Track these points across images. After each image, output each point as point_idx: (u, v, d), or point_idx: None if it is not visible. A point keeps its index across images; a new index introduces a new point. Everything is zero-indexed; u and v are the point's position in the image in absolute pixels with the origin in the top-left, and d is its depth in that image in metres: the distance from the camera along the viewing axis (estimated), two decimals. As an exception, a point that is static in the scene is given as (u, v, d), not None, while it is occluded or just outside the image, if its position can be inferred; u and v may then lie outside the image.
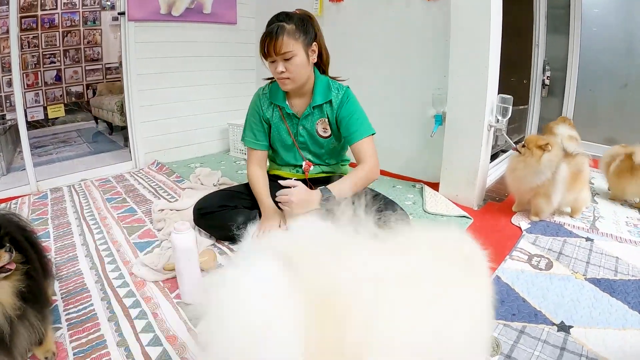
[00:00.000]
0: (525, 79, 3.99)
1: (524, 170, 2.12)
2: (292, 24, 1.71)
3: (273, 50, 1.70)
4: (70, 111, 4.83)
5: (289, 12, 1.77)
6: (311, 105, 1.89)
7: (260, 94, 2.01)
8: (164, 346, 1.24)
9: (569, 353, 1.23)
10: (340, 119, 1.89)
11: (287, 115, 1.95)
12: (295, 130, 1.96)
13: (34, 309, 1.10)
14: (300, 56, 1.74)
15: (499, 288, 1.58)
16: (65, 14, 4.46)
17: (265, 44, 1.71)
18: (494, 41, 2.21)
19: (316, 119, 1.93)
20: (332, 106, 1.89)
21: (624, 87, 3.62)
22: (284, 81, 1.79)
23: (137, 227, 2.11)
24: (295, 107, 1.94)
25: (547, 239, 2.00)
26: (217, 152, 3.76)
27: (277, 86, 1.90)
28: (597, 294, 1.54)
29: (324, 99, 1.89)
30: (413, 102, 2.89)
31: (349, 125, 1.86)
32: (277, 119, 1.97)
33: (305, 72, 1.81)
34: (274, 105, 1.96)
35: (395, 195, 2.55)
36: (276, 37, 1.68)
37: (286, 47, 1.69)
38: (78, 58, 4.69)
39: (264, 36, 1.72)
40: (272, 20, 1.75)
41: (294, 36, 1.71)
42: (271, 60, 1.75)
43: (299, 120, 1.93)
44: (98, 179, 2.93)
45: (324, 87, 1.90)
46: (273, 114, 1.98)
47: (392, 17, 2.85)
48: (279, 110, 1.96)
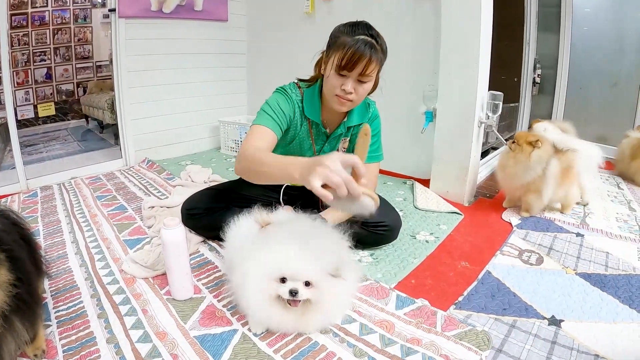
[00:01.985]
0: (516, 77, 4.02)
1: (514, 167, 2.12)
2: (381, 47, 1.52)
3: (358, 69, 1.48)
4: (60, 109, 4.79)
5: (374, 28, 1.54)
6: (345, 125, 1.75)
7: (295, 99, 1.69)
8: (153, 342, 1.23)
9: (560, 347, 1.23)
10: None
11: (316, 132, 1.77)
12: (320, 148, 1.82)
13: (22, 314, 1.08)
14: (372, 82, 1.58)
15: (489, 283, 1.58)
16: (56, 12, 4.43)
17: (352, 58, 1.46)
18: (484, 38, 2.22)
19: (342, 137, 1.81)
20: (360, 125, 1.75)
21: (614, 85, 3.65)
22: (344, 102, 1.56)
23: (127, 225, 2.09)
24: (327, 123, 1.76)
25: (538, 234, 2.01)
26: (208, 149, 3.75)
27: (312, 97, 1.69)
28: (587, 289, 1.54)
29: (361, 119, 1.76)
30: (404, 98, 2.89)
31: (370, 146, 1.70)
32: (304, 134, 1.76)
33: (364, 97, 1.64)
34: (305, 117, 1.73)
35: (386, 192, 2.56)
36: (370, 58, 1.47)
37: (372, 71, 1.51)
38: (69, 56, 4.65)
39: (353, 48, 1.46)
40: (361, 31, 1.50)
41: (379, 62, 1.53)
42: (343, 74, 1.51)
43: (327, 139, 1.79)
44: (88, 177, 2.91)
45: (362, 108, 1.76)
46: (301, 127, 1.75)
47: (383, 15, 2.85)
48: (307, 124, 1.75)
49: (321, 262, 1.17)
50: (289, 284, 1.15)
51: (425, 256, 1.80)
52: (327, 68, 1.57)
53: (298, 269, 1.15)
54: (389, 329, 1.29)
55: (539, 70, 4.02)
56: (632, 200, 2.52)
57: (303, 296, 1.15)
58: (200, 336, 1.25)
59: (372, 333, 1.28)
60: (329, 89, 1.58)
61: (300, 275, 1.15)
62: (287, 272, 1.15)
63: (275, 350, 1.19)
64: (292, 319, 1.20)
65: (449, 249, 1.89)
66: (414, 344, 1.22)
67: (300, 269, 1.15)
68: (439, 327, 1.29)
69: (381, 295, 1.48)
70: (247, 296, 1.20)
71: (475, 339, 1.23)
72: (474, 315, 1.38)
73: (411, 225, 2.12)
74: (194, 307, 1.40)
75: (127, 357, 1.17)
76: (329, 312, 1.26)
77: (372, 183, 1.77)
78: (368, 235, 1.78)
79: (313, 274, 1.16)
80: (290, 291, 1.14)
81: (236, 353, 1.18)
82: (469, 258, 1.79)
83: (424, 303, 1.43)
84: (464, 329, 1.28)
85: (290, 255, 1.15)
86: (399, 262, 1.74)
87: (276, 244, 1.19)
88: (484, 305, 1.44)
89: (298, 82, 1.75)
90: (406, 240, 1.94)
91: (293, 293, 1.14)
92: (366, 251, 1.82)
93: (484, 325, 1.33)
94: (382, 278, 1.61)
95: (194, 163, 3.20)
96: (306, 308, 1.20)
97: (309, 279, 1.15)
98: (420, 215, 2.27)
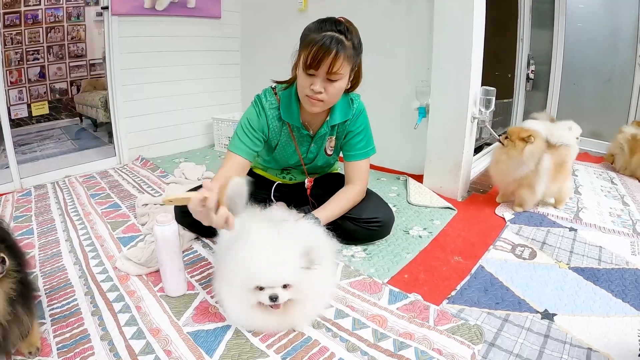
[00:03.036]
0: (510, 73, 4.02)
1: (507, 162, 2.13)
2: (351, 43, 1.47)
3: (324, 67, 1.45)
4: (54, 108, 4.77)
5: (346, 24, 1.50)
6: (328, 124, 1.72)
7: (267, 107, 1.68)
8: (147, 339, 1.23)
9: (553, 340, 1.24)
10: (347, 132, 1.77)
11: (298, 135, 1.75)
12: (305, 151, 1.81)
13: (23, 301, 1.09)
14: (344, 81, 1.53)
15: (482, 277, 1.59)
16: (49, 10, 4.40)
17: (317, 56, 1.43)
18: (477, 33, 2.23)
19: (327, 137, 1.79)
20: (345, 123, 1.75)
21: (608, 81, 3.66)
22: (315, 102, 1.54)
23: (121, 222, 2.09)
24: (309, 124, 1.74)
25: (531, 229, 2.02)
26: (202, 147, 3.75)
27: (289, 100, 1.66)
28: (580, 282, 1.55)
29: (343, 117, 1.72)
30: (397, 94, 2.90)
31: (356, 143, 1.76)
32: (286, 138, 1.75)
33: (339, 96, 1.60)
34: (283, 122, 1.71)
35: (379, 188, 2.56)
36: (336, 55, 1.42)
37: (340, 68, 1.46)
38: (62, 54, 4.63)
39: (317, 45, 1.42)
40: (328, 28, 1.47)
41: (349, 59, 1.47)
42: (310, 74, 1.48)
43: (312, 140, 1.77)
44: (82, 175, 2.90)
45: (344, 105, 1.72)
46: (281, 133, 1.74)
47: (376, 11, 2.85)
48: (288, 129, 1.73)
49: (293, 261, 1.19)
50: (267, 290, 1.17)
51: (419, 251, 1.81)
52: (298, 68, 1.55)
53: (273, 277, 1.17)
54: (382, 324, 1.29)
55: (532, 66, 4.03)
56: (626, 195, 2.53)
57: (283, 299, 1.18)
58: (194, 332, 1.26)
59: (365, 328, 1.28)
60: (300, 90, 1.57)
61: (276, 281, 1.17)
62: (263, 282, 1.17)
63: (268, 345, 1.20)
64: (276, 319, 1.23)
65: (442, 244, 1.89)
66: (406, 339, 1.22)
67: (275, 275, 1.17)
68: (432, 322, 1.30)
69: (374, 290, 1.48)
70: (226, 305, 1.24)
71: (468, 333, 1.23)
72: (467, 310, 1.39)
73: (404, 221, 2.12)
74: (188, 304, 1.41)
75: (121, 353, 1.17)
76: (312, 305, 1.29)
77: (361, 180, 1.78)
78: (361, 231, 1.78)
79: (288, 276, 1.18)
80: (270, 297, 1.17)
81: (229, 349, 1.18)
82: (462, 253, 1.79)
83: (417, 298, 1.43)
84: (456, 323, 1.28)
85: (263, 264, 1.16)
86: (392, 257, 1.75)
87: (246, 254, 1.19)
88: (476, 299, 1.45)
89: (274, 87, 1.72)
90: (399, 236, 1.95)
91: (273, 299, 1.17)
92: (359, 246, 1.83)
93: (476, 319, 1.34)
94: (375, 273, 1.62)
95: (187, 160, 3.20)
96: (289, 306, 1.22)
97: (285, 282, 1.18)
98: (413, 210, 2.27)
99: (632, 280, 1.56)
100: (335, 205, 1.71)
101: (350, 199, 1.74)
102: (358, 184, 1.77)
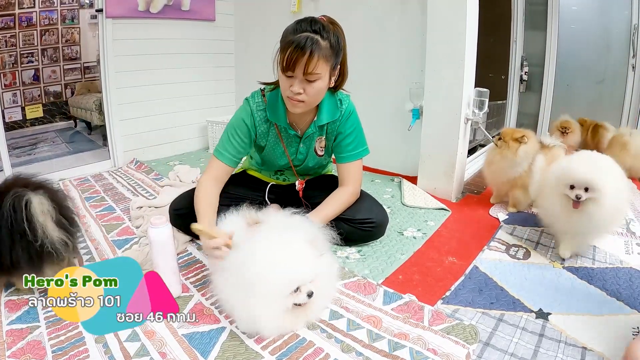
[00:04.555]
0: (504, 75, 4.04)
1: (501, 163, 2.14)
2: (327, 42, 1.48)
3: (300, 68, 1.45)
4: (48, 111, 4.76)
5: (322, 22, 1.51)
6: (316, 124, 1.72)
7: (254, 109, 1.70)
8: (142, 341, 1.22)
9: (548, 339, 1.24)
10: (337, 133, 1.76)
11: (286, 136, 1.75)
12: (294, 151, 1.80)
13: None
14: (324, 80, 1.53)
15: (477, 277, 1.59)
16: (43, 12, 4.39)
17: (291, 57, 1.44)
18: (470, 35, 2.24)
19: (316, 137, 1.78)
20: (334, 123, 1.75)
21: (601, 82, 3.68)
22: (295, 103, 1.54)
23: (115, 225, 2.08)
24: (296, 125, 1.74)
25: (525, 229, 2.03)
26: (197, 149, 3.74)
27: (275, 101, 1.67)
28: (575, 282, 1.56)
29: (331, 117, 1.72)
30: (390, 96, 2.91)
31: (347, 144, 1.76)
32: (274, 139, 1.76)
33: (322, 96, 1.61)
34: (271, 123, 1.72)
35: (373, 190, 2.57)
36: (310, 55, 1.43)
37: (316, 68, 1.46)
38: (56, 57, 4.62)
39: (292, 46, 1.44)
40: (303, 28, 1.48)
41: (326, 58, 1.48)
42: (288, 75, 1.50)
43: (300, 140, 1.77)
44: (76, 178, 2.89)
45: (331, 105, 1.71)
46: (269, 134, 1.74)
47: (370, 12, 2.86)
48: (275, 130, 1.74)
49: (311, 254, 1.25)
50: (303, 289, 1.20)
51: (413, 252, 1.81)
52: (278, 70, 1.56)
53: (308, 273, 1.22)
54: (377, 324, 1.30)
55: (526, 67, 4.05)
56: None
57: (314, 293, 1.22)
58: (189, 334, 1.25)
59: (360, 328, 1.28)
60: (282, 92, 1.59)
61: (310, 276, 1.22)
62: (300, 280, 1.21)
63: (263, 347, 1.20)
64: (302, 316, 1.27)
65: (437, 244, 1.89)
66: (401, 339, 1.22)
67: (308, 270, 1.22)
68: (426, 322, 1.30)
69: (368, 291, 1.48)
70: (263, 320, 1.20)
71: (462, 333, 1.24)
72: (462, 310, 1.39)
73: (399, 222, 2.12)
74: (182, 306, 1.40)
75: (115, 356, 1.17)
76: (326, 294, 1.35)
77: (355, 182, 1.79)
78: (355, 232, 1.78)
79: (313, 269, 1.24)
80: (308, 294, 1.21)
81: (224, 350, 1.18)
82: (457, 253, 1.80)
83: (412, 298, 1.43)
84: (451, 323, 1.29)
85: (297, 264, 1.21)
86: (386, 258, 1.75)
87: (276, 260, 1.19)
88: (471, 299, 1.45)
89: (263, 89, 1.73)
90: (393, 237, 1.95)
91: (310, 295, 1.21)
92: (353, 248, 1.83)
93: (471, 319, 1.34)
94: (369, 274, 1.62)
95: (182, 163, 3.19)
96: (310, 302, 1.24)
97: (315, 276, 1.23)
98: (407, 212, 2.28)
99: (626, 279, 1.57)
100: (329, 207, 1.71)
101: (344, 200, 1.75)
102: (351, 186, 1.77)
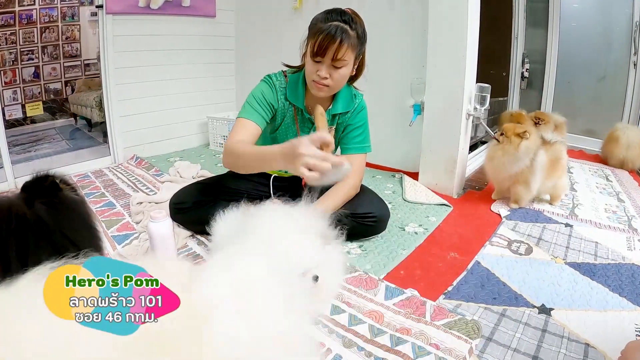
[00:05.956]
0: (505, 71, 4.03)
1: (502, 158, 2.13)
2: (355, 32, 1.57)
3: (329, 54, 1.54)
4: (49, 108, 4.75)
5: (350, 14, 1.60)
6: (330, 113, 1.78)
7: (277, 86, 1.77)
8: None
9: (550, 335, 1.23)
10: (347, 125, 1.82)
11: (301, 119, 1.81)
12: None
13: None
14: (349, 67, 1.62)
15: (479, 273, 1.58)
16: (44, 10, 4.39)
17: (322, 44, 1.53)
18: (471, 30, 2.23)
19: (328, 126, 1.79)
20: (346, 115, 1.81)
21: (602, 79, 3.68)
22: (321, 87, 1.63)
23: (115, 221, 2.07)
24: (311, 110, 1.76)
25: (527, 225, 2.02)
26: (197, 146, 3.73)
27: (296, 83, 1.75)
28: (577, 278, 1.55)
29: (345, 108, 1.79)
30: (391, 92, 2.90)
31: (355, 137, 1.82)
32: (289, 120, 1.82)
33: (344, 83, 1.69)
34: (289, 103, 1.79)
35: (375, 185, 2.56)
36: (340, 43, 1.52)
37: (344, 55, 1.56)
38: (57, 54, 4.61)
39: (323, 34, 1.52)
40: (334, 18, 1.57)
41: (353, 47, 1.57)
42: (317, 61, 1.58)
43: (312, 126, 1.80)
44: (77, 174, 2.89)
45: (347, 96, 1.80)
46: (286, 113, 1.80)
47: (371, 8, 2.85)
48: (293, 111, 1.80)
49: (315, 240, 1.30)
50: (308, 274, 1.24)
51: (414, 247, 1.80)
52: (306, 56, 1.64)
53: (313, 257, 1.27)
54: (378, 319, 1.29)
55: (527, 64, 4.05)
56: (621, 192, 2.54)
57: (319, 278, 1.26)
58: (189, 329, 1.24)
59: (362, 323, 1.27)
60: (308, 76, 1.67)
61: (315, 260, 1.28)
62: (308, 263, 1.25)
63: (264, 341, 1.19)
64: None
65: (438, 240, 1.89)
66: (403, 334, 1.21)
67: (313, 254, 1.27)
68: (428, 317, 1.29)
69: (370, 286, 1.47)
70: None
71: (465, 328, 1.23)
72: (464, 305, 1.38)
73: (400, 217, 2.12)
74: (182, 301, 1.39)
75: None
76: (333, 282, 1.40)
77: (357, 174, 1.80)
78: (356, 226, 1.77)
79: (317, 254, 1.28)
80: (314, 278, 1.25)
81: (224, 345, 1.17)
82: (458, 249, 1.79)
83: (413, 293, 1.43)
84: (453, 318, 1.28)
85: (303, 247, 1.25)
86: (387, 253, 1.74)
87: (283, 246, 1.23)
88: (473, 294, 1.44)
89: (285, 71, 1.80)
90: (395, 232, 1.94)
91: (316, 278, 1.25)
92: (355, 243, 1.82)
93: (473, 314, 1.33)
94: (371, 269, 1.61)
95: (182, 159, 3.18)
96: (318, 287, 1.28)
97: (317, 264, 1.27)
98: (409, 207, 2.27)
99: (629, 275, 1.56)
100: (331, 200, 1.71)
101: (345, 191, 1.75)
102: (352, 178, 1.77)
